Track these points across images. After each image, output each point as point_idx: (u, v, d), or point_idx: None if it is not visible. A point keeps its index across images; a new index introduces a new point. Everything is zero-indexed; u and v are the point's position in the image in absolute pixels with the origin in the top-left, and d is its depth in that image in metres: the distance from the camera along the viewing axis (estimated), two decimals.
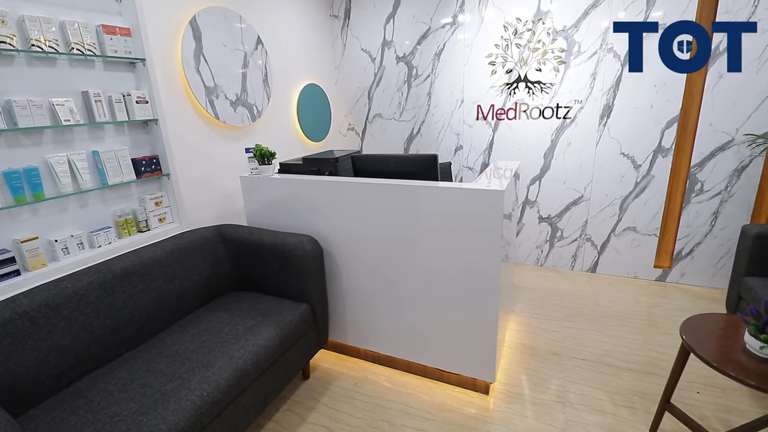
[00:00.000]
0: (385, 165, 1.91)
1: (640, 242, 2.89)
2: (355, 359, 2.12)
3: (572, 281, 2.96)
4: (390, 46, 3.31)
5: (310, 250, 1.78)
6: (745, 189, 2.57)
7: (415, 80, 3.30)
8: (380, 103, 3.48)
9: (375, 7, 3.29)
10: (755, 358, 1.26)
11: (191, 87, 2.19)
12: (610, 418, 1.67)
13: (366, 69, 3.45)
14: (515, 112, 3.03)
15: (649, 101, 2.65)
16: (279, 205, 2.02)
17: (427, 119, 3.34)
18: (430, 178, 1.86)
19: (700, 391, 1.81)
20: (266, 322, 1.65)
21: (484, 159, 3.23)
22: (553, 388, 1.85)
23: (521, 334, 2.29)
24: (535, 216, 3.17)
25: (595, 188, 2.93)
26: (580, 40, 2.74)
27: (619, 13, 2.60)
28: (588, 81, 2.78)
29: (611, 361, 2.03)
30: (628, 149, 2.77)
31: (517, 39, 2.90)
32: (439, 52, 3.16)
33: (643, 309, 2.53)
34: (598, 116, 2.80)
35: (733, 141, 2.53)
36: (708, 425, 1.60)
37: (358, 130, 3.67)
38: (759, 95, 2.42)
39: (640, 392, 1.80)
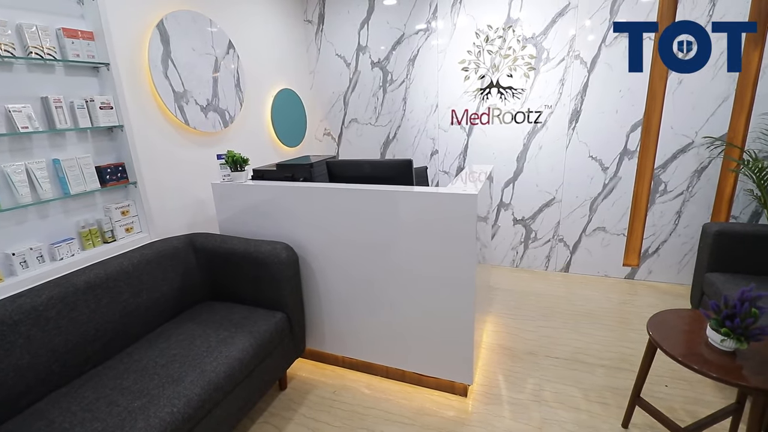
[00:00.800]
0: (361, 170, 1.91)
1: (609, 242, 2.99)
2: (333, 367, 2.10)
3: (547, 281, 3.03)
4: (365, 51, 3.32)
5: (284, 257, 1.75)
6: (705, 189, 2.70)
7: (390, 85, 3.32)
8: (356, 108, 3.48)
9: (349, 12, 3.30)
10: (717, 351, 1.32)
11: (159, 92, 2.13)
12: (584, 415, 1.71)
13: (341, 74, 3.45)
14: (488, 116, 3.09)
15: (614, 106, 2.76)
16: (253, 212, 1.99)
17: (402, 124, 3.36)
18: (405, 182, 1.87)
19: (669, 384, 1.88)
20: (240, 333, 1.61)
21: (460, 163, 3.27)
22: (529, 387, 1.89)
23: (498, 334, 2.33)
24: (509, 218, 3.23)
25: (566, 190, 3.01)
26: (548, 47, 2.83)
27: (585, 21, 2.69)
28: (557, 87, 2.87)
29: (584, 359, 2.08)
30: (596, 152, 2.87)
31: (489, 45, 2.97)
32: (413, 57, 3.19)
33: (613, 306, 2.62)
34: (567, 121, 2.89)
35: (693, 143, 2.66)
36: (676, 417, 1.66)
37: (334, 135, 3.65)
38: (716, 100, 2.56)
39: (613, 388, 1.86)
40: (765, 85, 2.44)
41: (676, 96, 2.62)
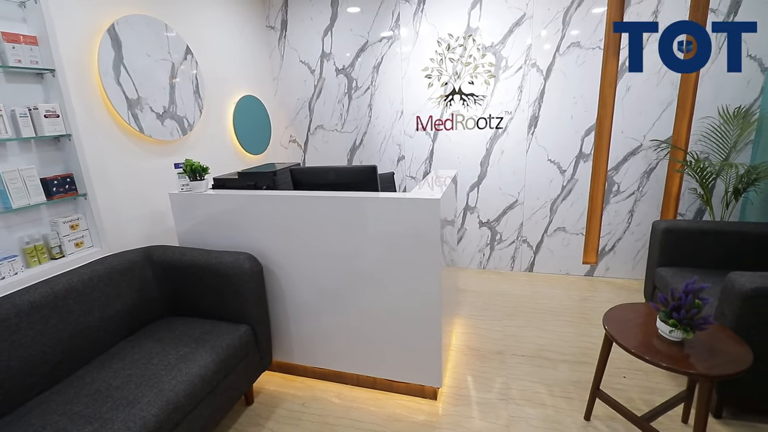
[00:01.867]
0: (325, 177, 1.90)
1: (569, 241, 3.12)
2: (302, 378, 2.05)
3: (512, 281, 3.11)
4: (329, 58, 3.32)
5: (248, 268, 1.71)
6: (654, 189, 2.87)
7: (355, 92, 3.33)
8: (321, 115, 3.47)
9: (312, 19, 3.29)
10: (666, 341, 1.40)
11: (111, 99, 2.03)
12: (549, 410, 1.76)
13: (306, 81, 3.43)
14: (452, 122, 3.16)
15: (569, 112, 2.90)
16: (214, 222, 1.92)
17: (368, 130, 3.37)
18: (370, 188, 1.87)
19: (627, 375, 1.97)
20: (201, 348, 1.55)
21: (426, 168, 3.32)
22: (497, 386, 1.92)
23: (467, 336, 2.36)
24: (475, 221, 3.30)
25: (527, 193, 3.12)
26: (507, 55, 2.94)
27: (540, 31, 2.82)
28: (516, 93, 2.97)
29: (549, 355, 2.15)
30: (554, 156, 3.00)
31: (451, 54, 3.04)
32: (377, 64, 3.22)
33: (575, 303, 2.72)
34: (526, 126, 3.01)
35: (641, 146, 2.83)
36: (634, 407, 1.75)
37: (300, 142, 3.62)
38: (660, 105, 2.74)
39: (575, 382, 1.93)
40: (704, 92, 2.63)
41: (625, 102, 2.79)
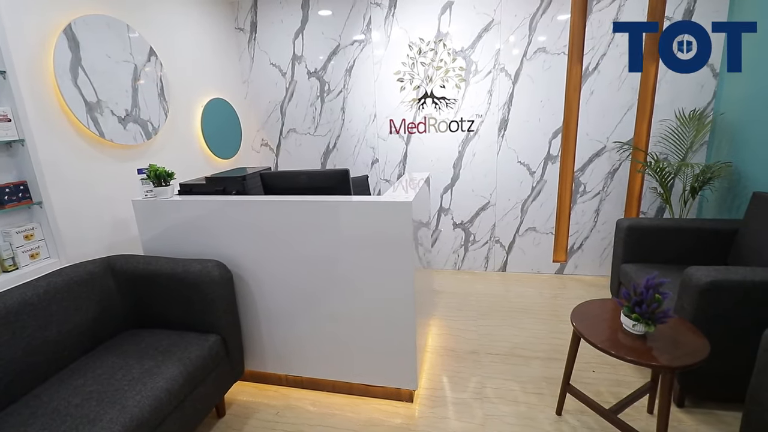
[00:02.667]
0: (297, 181, 1.87)
1: (540, 240, 3.20)
2: (276, 387, 2.01)
3: (486, 281, 3.16)
4: (300, 61, 3.29)
5: (217, 275, 1.66)
6: (618, 188, 2.99)
7: (328, 95, 3.31)
8: (294, 118, 3.43)
9: (282, 22, 3.26)
10: (630, 335, 1.45)
11: (68, 103, 1.94)
12: (522, 407, 1.79)
13: (277, 83, 3.38)
14: (425, 125, 3.19)
15: (537, 115, 2.98)
16: (181, 229, 1.86)
17: (342, 134, 3.36)
18: (343, 192, 1.86)
19: (596, 369, 2.03)
20: (168, 361, 1.49)
21: (400, 171, 3.34)
22: (472, 385, 1.94)
23: (442, 337, 2.38)
24: (449, 223, 3.34)
25: (499, 194, 3.19)
26: (476, 59, 3.00)
27: (508, 36, 2.89)
28: (486, 97, 3.04)
29: (521, 353, 2.19)
30: (524, 158, 3.08)
31: (422, 58, 3.07)
32: (349, 68, 3.22)
33: (546, 301, 2.79)
34: (496, 129, 3.07)
35: (605, 148, 2.95)
36: (602, 399, 1.80)
37: (272, 146, 3.56)
38: (622, 108, 2.86)
39: (547, 378, 1.97)
40: (661, 95, 2.77)
41: (589, 105, 2.90)
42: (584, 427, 1.66)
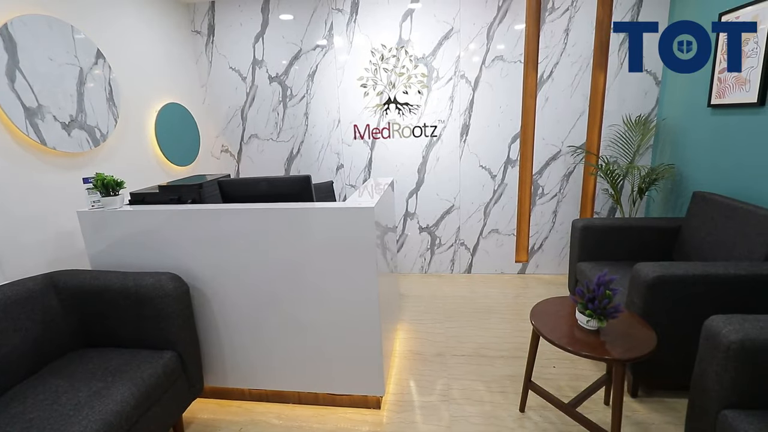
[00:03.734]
0: (257, 189, 1.83)
1: (502, 242, 3.30)
2: (239, 402, 1.94)
3: (452, 284, 3.21)
4: (261, 65, 3.23)
5: (171, 289, 1.58)
6: (573, 190, 3.14)
7: (290, 100, 3.26)
8: (255, 124, 3.35)
9: (242, 25, 3.19)
10: (585, 331, 1.51)
11: (4, 108, 1.80)
12: (487, 406, 1.83)
13: (237, 88, 3.30)
14: (389, 131, 3.21)
15: (496, 121, 3.08)
16: (132, 241, 1.76)
17: (306, 139, 3.32)
18: (305, 199, 1.83)
19: (556, 365, 2.10)
20: (119, 382, 1.40)
21: (365, 176, 3.34)
22: (438, 388, 1.96)
23: (409, 341, 2.39)
24: (416, 227, 3.37)
25: (462, 197, 3.25)
26: (438, 66, 3.06)
27: (467, 44, 2.97)
28: (447, 103, 3.10)
29: (486, 352, 2.24)
30: (485, 162, 3.16)
31: (384, 64, 3.10)
32: (312, 73, 3.19)
33: (509, 300, 2.87)
34: (458, 134, 3.14)
35: (560, 152, 3.08)
36: (563, 394, 1.87)
37: (233, 152, 3.46)
38: (574, 114, 3.01)
39: (511, 376, 2.02)
40: (610, 102, 2.94)
41: (545, 111, 3.02)
42: (546, 422, 1.72)
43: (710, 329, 1.28)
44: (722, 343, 1.22)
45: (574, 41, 2.89)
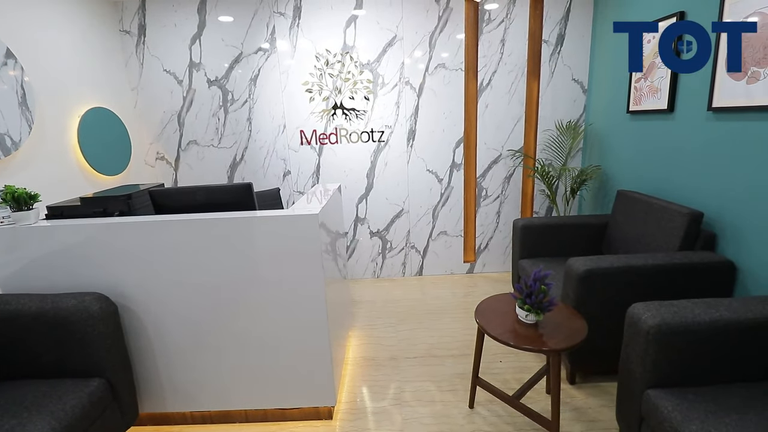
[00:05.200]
0: (193, 198, 1.73)
1: (451, 243, 3.39)
2: (180, 427, 1.81)
3: (404, 287, 3.25)
4: (199, 68, 3.08)
5: (96, 310, 1.45)
6: (514, 192, 3.31)
7: (232, 105, 3.14)
8: (194, 129, 3.18)
9: (176, 26, 3.02)
10: (524, 325, 1.59)
11: None
12: (438, 405, 1.86)
13: (172, 92, 3.12)
14: (336, 136, 3.20)
15: (441, 126, 3.17)
16: (50, 260, 1.59)
17: (250, 145, 3.21)
18: (247, 207, 1.76)
19: (502, 359, 2.19)
20: (36, 417, 1.25)
21: (313, 182, 3.29)
22: (391, 392, 1.96)
23: (362, 347, 2.38)
24: (366, 232, 3.38)
25: (411, 201, 3.31)
26: (383, 72, 3.09)
27: (410, 51, 3.04)
28: (393, 109, 3.15)
29: (437, 353, 2.28)
30: (432, 166, 3.24)
31: (330, 69, 3.08)
32: (254, 77, 3.10)
33: (459, 300, 2.96)
34: (405, 139, 3.20)
35: (501, 156, 3.24)
36: (509, 387, 1.94)
37: (169, 160, 3.26)
38: (513, 120, 3.18)
39: (460, 374, 2.08)
40: (544, 108, 3.14)
41: (485, 117, 3.17)
42: (493, 416, 1.78)
43: (632, 316, 1.40)
44: (642, 329, 1.33)
45: (509, 51, 3.06)
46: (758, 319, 1.32)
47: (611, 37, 2.81)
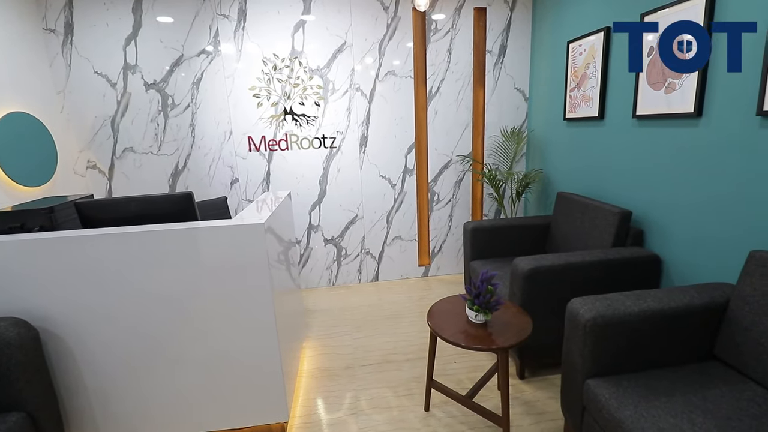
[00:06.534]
0: (126, 210, 1.61)
1: (406, 248, 3.43)
2: None
3: (361, 293, 3.23)
4: (135, 70, 2.89)
5: (13, 337, 1.29)
6: (464, 195, 3.41)
7: (172, 110, 2.97)
8: (130, 136, 2.97)
9: (108, 25, 2.82)
10: (474, 325, 1.63)
11: None
12: (395, 411, 1.85)
13: (105, 95, 2.90)
14: (287, 142, 3.13)
15: (392, 132, 3.21)
16: None
17: (193, 152, 3.05)
18: (188, 218, 1.67)
19: (457, 360, 2.23)
20: None
21: (263, 190, 3.19)
22: (347, 402, 1.93)
23: (317, 357, 2.32)
24: (320, 239, 3.32)
25: (365, 207, 3.31)
26: (333, 78, 3.08)
27: (362, 59, 3.05)
28: (345, 115, 3.14)
29: (393, 358, 2.28)
30: (385, 172, 3.27)
31: (278, 74, 3.02)
32: (197, 81, 2.95)
33: (414, 304, 2.99)
34: (357, 145, 3.20)
35: (451, 161, 3.33)
36: (463, 387, 1.98)
37: (102, 169, 3.01)
38: (461, 126, 3.28)
39: (416, 377, 2.09)
40: (490, 115, 3.28)
41: (435, 123, 3.25)
42: (448, 417, 1.80)
43: (571, 310, 1.48)
44: (580, 322, 1.42)
45: (456, 60, 3.16)
46: (680, 307, 1.44)
47: (548, 50, 2.99)
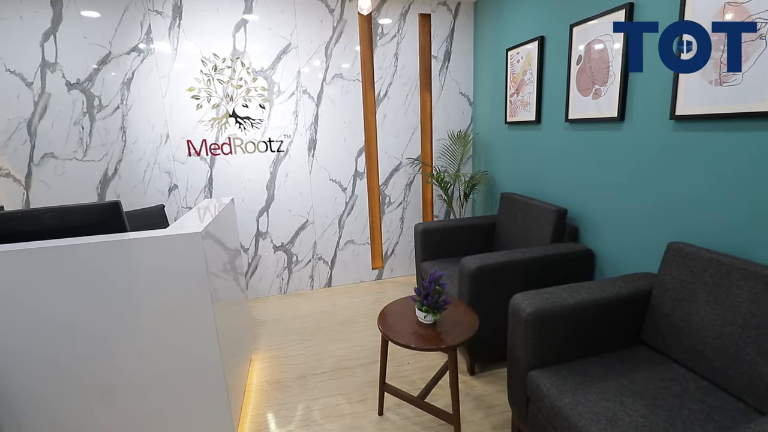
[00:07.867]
0: (41, 223, 1.44)
1: (359, 252, 3.41)
2: None
3: (313, 300, 3.16)
4: (54, 68, 2.62)
5: None
6: (415, 197, 3.45)
7: (99, 112, 2.73)
8: (50, 140, 2.69)
9: (22, 18, 2.54)
10: (424, 326, 1.65)
11: None
12: (348, 418, 1.82)
13: (19, 96, 2.60)
14: (230, 146, 2.99)
15: (342, 135, 3.18)
16: None
17: (125, 158, 2.82)
18: (116, 229, 1.53)
19: (410, 362, 2.24)
20: None
21: (206, 196, 3.03)
22: (299, 414, 1.87)
23: (267, 370, 2.23)
24: (269, 246, 3.21)
25: (316, 211, 3.25)
26: (278, 80, 2.99)
27: (308, 61, 2.99)
28: (292, 118, 3.06)
29: (346, 364, 2.24)
30: (335, 175, 3.23)
31: (219, 75, 2.88)
32: (127, 81, 2.74)
33: (368, 307, 2.97)
34: (306, 148, 3.13)
35: (401, 164, 3.36)
36: (416, 388, 1.99)
37: (18, 176, 2.69)
38: (410, 129, 3.32)
39: (369, 382, 2.07)
40: (437, 119, 3.35)
41: (384, 127, 3.26)
42: (402, 419, 1.80)
43: (513, 305, 1.54)
44: (522, 316, 1.47)
45: (403, 64, 3.20)
46: (610, 297, 1.55)
47: (489, 56, 3.12)
